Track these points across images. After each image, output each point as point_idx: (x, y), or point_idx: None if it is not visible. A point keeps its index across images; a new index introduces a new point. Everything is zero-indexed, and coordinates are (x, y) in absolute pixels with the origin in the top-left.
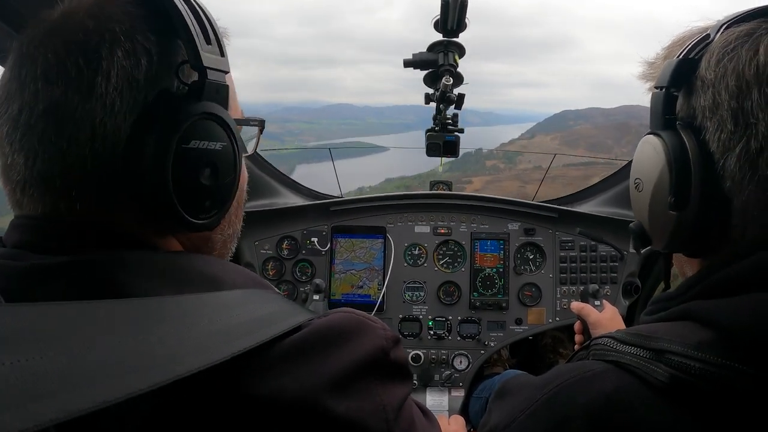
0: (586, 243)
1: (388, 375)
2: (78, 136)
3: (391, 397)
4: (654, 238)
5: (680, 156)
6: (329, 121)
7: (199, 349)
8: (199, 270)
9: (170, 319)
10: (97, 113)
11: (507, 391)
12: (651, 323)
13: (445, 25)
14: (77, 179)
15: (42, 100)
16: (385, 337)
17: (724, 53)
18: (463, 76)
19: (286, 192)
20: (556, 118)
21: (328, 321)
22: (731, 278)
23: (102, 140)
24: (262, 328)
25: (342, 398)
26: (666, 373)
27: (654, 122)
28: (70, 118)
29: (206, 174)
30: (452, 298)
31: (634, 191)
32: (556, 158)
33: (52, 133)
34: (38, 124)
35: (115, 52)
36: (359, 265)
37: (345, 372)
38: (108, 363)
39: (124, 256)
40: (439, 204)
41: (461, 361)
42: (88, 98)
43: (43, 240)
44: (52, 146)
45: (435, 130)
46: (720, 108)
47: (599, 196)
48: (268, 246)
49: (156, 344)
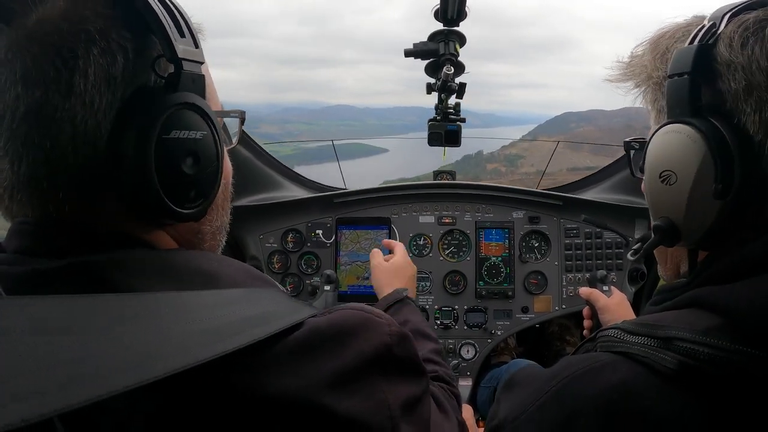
0: (591, 230)
1: (394, 371)
2: (60, 135)
3: (397, 395)
4: (688, 233)
5: (721, 141)
6: (328, 122)
7: (191, 347)
8: (196, 267)
9: (166, 315)
10: (77, 111)
11: (516, 382)
12: (658, 313)
13: (446, 14)
14: (63, 180)
15: (23, 103)
16: (390, 333)
17: (746, 36)
18: (464, 65)
19: (290, 185)
20: (557, 120)
21: (330, 319)
22: (738, 263)
23: (83, 138)
24: (261, 326)
25: (343, 396)
26: (675, 360)
27: (677, 111)
28: (51, 118)
29: (188, 163)
30: (458, 287)
31: (660, 185)
32: (559, 163)
33: (35, 134)
34: (21, 127)
35: (91, 50)
36: (365, 257)
37: (347, 369)
38: (112, 355)
39: (119, 256)
40: (443, 194)
41: (468, 350)
42: (67, 97)
43: (40, 244)
44: (35, 148)
45: (437, 119)
46: (756, 89)
47: (603, 182)
48: (273, 239)
49: (146, 340)
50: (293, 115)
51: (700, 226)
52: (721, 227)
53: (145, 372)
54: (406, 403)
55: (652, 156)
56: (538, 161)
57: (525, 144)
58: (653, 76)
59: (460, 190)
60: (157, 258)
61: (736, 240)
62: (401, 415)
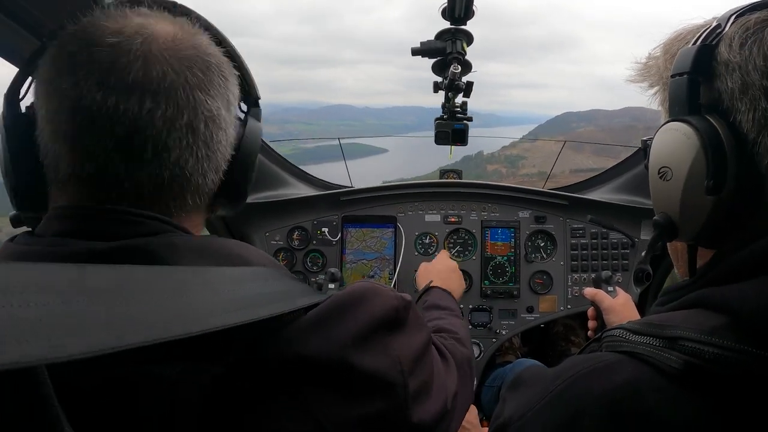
0: (597, 230)
1: (399, 328)
2: (223, 139)
3: (406, 349)
4: (684, 228)
5: (715, 138)
6: (328, 122)
7: (243, 306)
8: (230, 250)
9: (214, 283)
10: (229, 123)
11: (521, 382)
12: (663, 313)
13: (453, 13)
14: (210, 178)
15: (204, 108)
16: (396, 297)
17: (746, 37)
18: (472, 64)
19: (296, 183)
20: (558, 120)
21: (346, 291)
22: (742, 263)
23: (230, 145)
24: (299, 297)
25: (364, 353)
26: (680, 360)
27: (677, 110)
28: (219, 124)
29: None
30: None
31: (659, 182)
32: (562, 164)
33: (208, 135)
34: (199, 126)
35: (232, 78)
36: (370, 255)
37: (364, 329)
38: (155, 312)
39: (170, 239)
40: (449, 192)
41: (473, 349)
42: (228, 111)
43: (91, 227)
44: (205, 146)
45: (444, 118)
46: (751, 88)
47: (609, 183)
48: (278, 237)
49: (201, 301)
50: (293, 115)
51: (695, 222)
52: (717, 223)
53: (204, 324)
54: (415, 357)
55: (652, 153)
56: (540, 162)
57: (526, 144)
58: (663, 76)
59: (466, 189)
60: (198, 242)
61: (740, 239)
62: (411, 370)
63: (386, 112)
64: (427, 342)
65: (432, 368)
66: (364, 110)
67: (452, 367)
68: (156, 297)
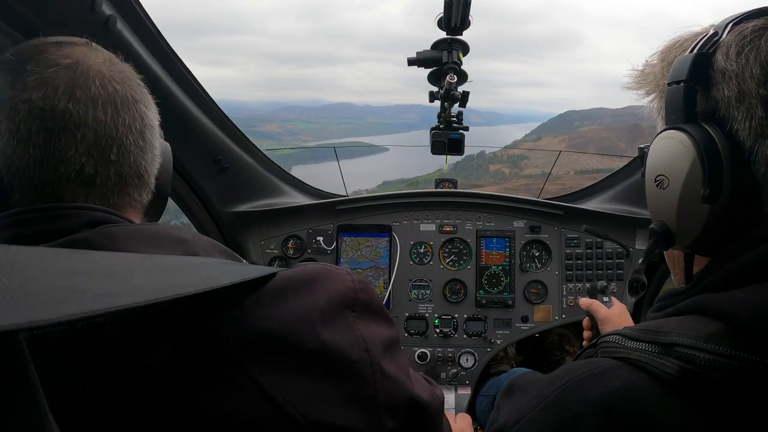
0: (591, 240)
1: (363, 312)
2: (158, 145)
3: (370, 333)
4: (680, 237)
5: (711, 147)
6: (328, 120)
7: (192, 284)
8: (174, 234)
9: (164, 267)
10: (158, 132)
11: (516, 388)
12: (659, 319)
13: (449, 23)
14: (151, 178)
15: (147, 118)
16: (352, 279)
17: (742, 45)
18: (467, 74)
19: (291, 191)
20: (560, 118)
21: (296, 269)
22: (739, 270)
23: (159, 151)
24: (244, 275)
25: (328, 327)
26: (675, 366)
27: (673, 118)
28: (155, 133)
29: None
30: (458, 296)
31: (655, 190)
32: (569, 165)
33: (152, 140)
34: (146, 133)
35: (149, 93)
36: (365, 264)
37: (322, 307)
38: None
39: (109, 230)
40: (444, 202)
41: (467, 359)
42: (157, 121)
43: (41, 228)
44: (150, 149)
45: (440, 128)
46: (747, 96)
47: (604, 192)
48: (273, 245)
49: (159, 275)
50: (293, 114)
51: (691, 230)
52: (713, 232)
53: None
54: (383, 343)
55: (649, 161)
56: (543, 162)
57: (529, 144)
58: (660, 84)
59: (461, 198)
60: (140, 228)
61: (736, 246)
62: (381, 353)
63: (387, 110)
64: (396, 334)
65: (405, 363)
66: (365, 108)
67: (438, 393)
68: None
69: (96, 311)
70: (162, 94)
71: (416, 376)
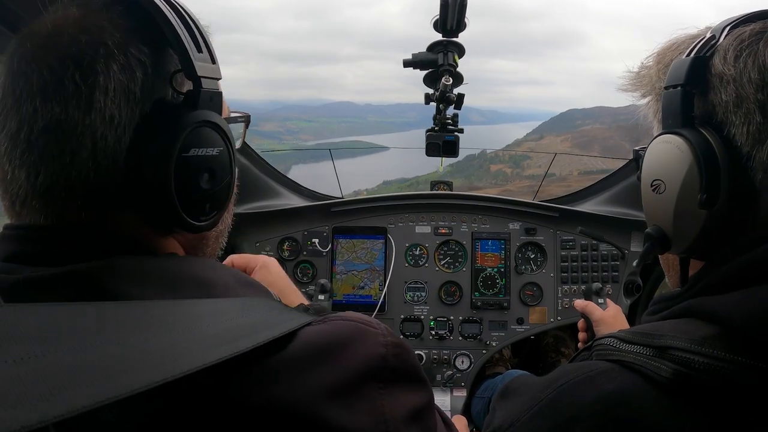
0: (587, 242)
1: (391, 382)
2: (80, 150)
3: (396, 407)
4: (676, 241)
5: (708, 152)
6: (329, 119)
7: (194, 351)
8: (192, 274)
9: (165, 323)
10: (98, 127)
11: (511, 391)
12: (654, 322)
13: (445, 25)
14: (81, 190)
15: (42, 117)
16: (385, 343)
17: (740, 49)
18: (463, 76)
19: (286, 193)
20: (562, 117)
21: (323, 329)
22: (733, 273)
23: (103, 153)
24: (256, 333)
25: (341, 408)
26: (670, 369)
27: (670, 122)
28: (71, 133)
29: (205, 179)
30: (453, 298)
31: (652, 194)
32: (572, 166)
33: (54, 148)
34: (39, 140)
35: (111, 66)
36: (360, 266)
37: (343, 381)
38: (105, 362)
39: (115, 263)
40: (439, 204)
41: (463, 361)
42: (87, 113)
43: (40, 250)
44: (54, 161)
45: (435, 130)
46: (745, 101)
47: (600, 195)
48: (269, 247)
49: (151, 346)
50: (294, 113)
51: (687, 235)
52: (709, 236)
53: (150, 375)
54: (410, 415)
55: (645, 166)
56: (546, 162)
57: (531, 143)
58: (656, 87)
59: (456, 200)
60: (154, 265)
61: (731, 250)
62: (404, 427)
63: (387, 109)
64: (429, 398)
65: (433, 427)
66: (366, 107)
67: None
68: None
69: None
70: None
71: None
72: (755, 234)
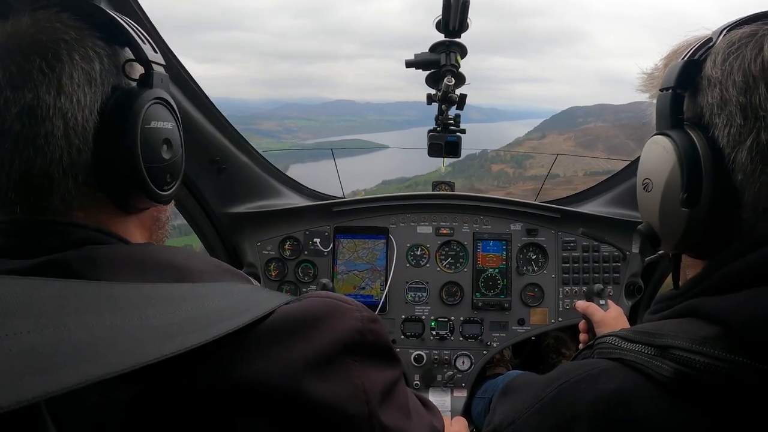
0: (588, 243)
1: (367, 356)
2: (54, 131)
3: (373, 381)
4: (664, 239)
5: (691, 152)
6: (328, 117)
7: (179, 332)
8: (166, 260)
9: (152, 304)
10: (68, 109)
11: (512, 389)
12: (656, 321)
13: (447, 26)
14: (56, 173)
15: (14, 104)
16: (361, 318)
17: (729, 53)
18: (465, 77)
19: (288, 192)
20: (563, 115)
21: (299, 306)
22: (735, 274)
23: (74, 131)
24: (238, 315)
25: (320, 381)
26: (671, 369)
27: (661, 123)
28: (45, 116)
29: (165, 149)
30: (455, 298)
31: (643, 192)
32: (577, 165)
33: (28, 132)
34: (13, 126)
35: (73, 56)
36: (362, 266)
37: (321, 354)
38: (95, 341)
39: (91, 252)
40: (441, 204)
41: (464, 361)
42: (58, 97)
43: (18, 243)
44: (29, 145)
45: (437, 130)
46: (728, 104)
47: (601, 196)
48: (270, 247)
49: (139, 326)
50: (293, 112)
51: (673, 233)
52: (695, 235)
53: (152, 353)
54: (384, 389)
55: (639, 165)
56: (549, 161)
57: (533, 142)
58: None
59: (458, 201)
60: (128, 252)
61: (731, 251)
62: (380, 402)
63: (387, 107)
64: (399, 374)
65: (410, 406)
66: (365, 106)
67: (437, 415)
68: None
69: (67, 388)
70: None
71: (416, 408)
72: (755, 235)
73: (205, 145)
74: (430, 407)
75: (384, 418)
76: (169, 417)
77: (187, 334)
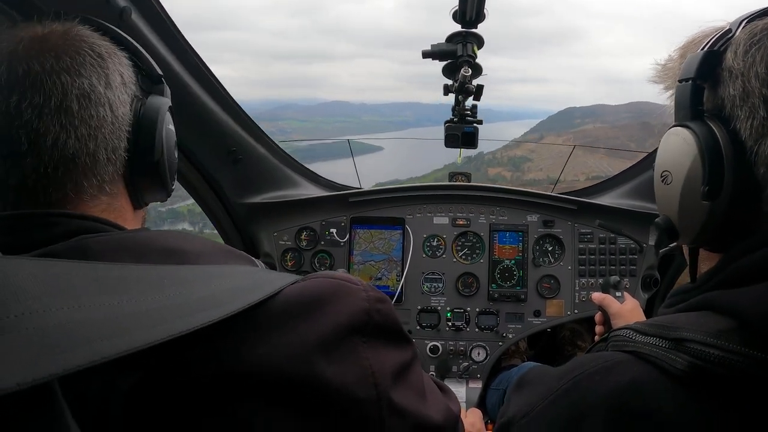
0: (605, 235)
1: (375, 337)
2: (105, 116)
3: (382, 362)
4: (683, 232)
5: (712, 145)
6: (323, 118)
7: (193, 311)
8: (161, 244)
9: (161, 285)
10: (114, 101)
11: (526, 381)
12: (671, 314)
13: (464, 16)
14: (102, 157)
15: (74, 88)
16: (368, 298)
17: (751, 44)
18: (482, 67)
19: (304, 183)
20: (561, 115)
21: (303, 287)
22: (752, 267)
23: (120, 121)
24: (241, 297)
25: (327, 363)
26: (685, 362)
27: (681, 114)
28: (98, 101)
29: (175, 148)
30: (471, 289)
31: (661, 185)
32: (577, 169)
33: (85, 113)
34: (72, 105)
35: (113, 58)
36: (378, 257)
37: (328, 336)
38: (108, 321)
39: (89, 239)
40: (457, 195)
41: (479, 352)
42: (107, 88)
43: (14, 240)
44: (83, 124)
45: (454, 121)
46: (751, 96)
47: (619, 188)
48: (286, 237)
49: (148, 307)
50: (288, 112)
51: (693, 226)
52: (715, 228)
53: (161, 332)
54: (395, 370)
55: (657, 157)
56: (548, 165)
57: (530, 145)
58: (677, 80)
59: (474, 192)
60: (125, 237)
61: (747, 244)
62: (391, 383)
63: (383, 108)
64: (412, 354)
65: (425, 388)
66: (360, 107)
67: (454, 400)
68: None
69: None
70: (177, 86)
71: (432, 391)
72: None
73: (222, 136)
74: (447, 392)
75: (396, 398)
76: (171, 403)
77: (193, 313)
